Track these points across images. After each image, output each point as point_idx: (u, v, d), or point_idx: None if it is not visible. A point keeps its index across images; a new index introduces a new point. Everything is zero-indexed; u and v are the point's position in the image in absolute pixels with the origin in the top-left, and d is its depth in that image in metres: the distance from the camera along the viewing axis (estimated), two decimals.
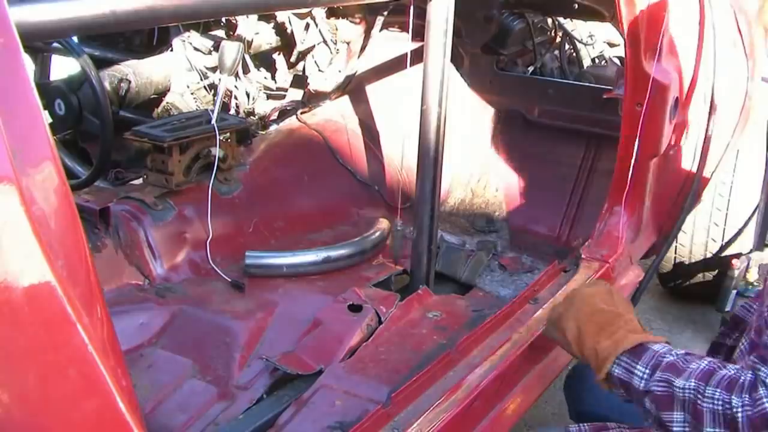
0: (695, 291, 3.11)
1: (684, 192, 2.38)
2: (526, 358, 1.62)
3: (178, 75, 2.62)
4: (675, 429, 1.24)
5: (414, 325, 1.74)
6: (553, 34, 3.10)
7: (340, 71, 2.60)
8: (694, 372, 1.23)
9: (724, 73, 2.37)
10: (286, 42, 2.64)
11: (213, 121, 2.02)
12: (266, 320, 1.73)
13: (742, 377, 1.18)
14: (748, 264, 2.51)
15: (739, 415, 1.16)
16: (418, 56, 1.82)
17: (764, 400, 1.14)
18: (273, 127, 2.50)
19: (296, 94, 2.66)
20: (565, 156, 2.70)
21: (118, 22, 1.11)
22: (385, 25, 2.62)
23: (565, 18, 3.12)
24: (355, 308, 1.74)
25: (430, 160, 1.80)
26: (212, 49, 2.63)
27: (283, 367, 1.54)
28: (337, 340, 1.63)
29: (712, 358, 1.26)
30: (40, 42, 2.24)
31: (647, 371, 1.27)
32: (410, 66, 1.91)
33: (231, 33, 2.61)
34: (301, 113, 2.56)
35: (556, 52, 3.15)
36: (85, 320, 0.79)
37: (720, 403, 1.18)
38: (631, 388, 1.29)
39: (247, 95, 2.65)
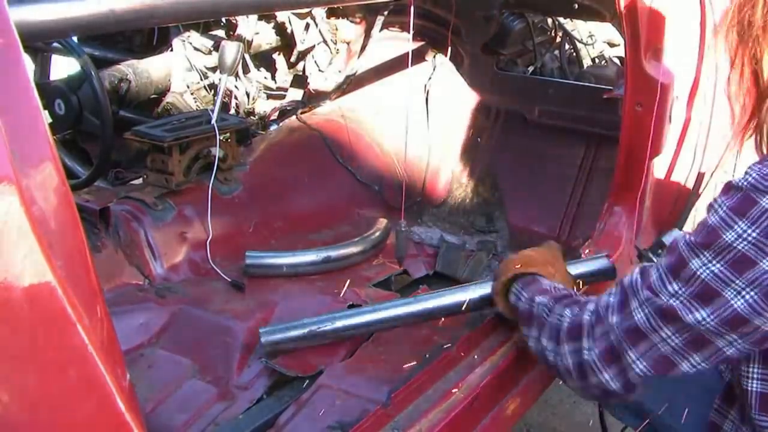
0: None
1: (684, 192, 2.38)
2: (526, 358, 1.62)
3: (178, 75, 2.63)
4: (531, 345, 1.38)
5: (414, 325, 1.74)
6: (553, 34, 3.10)
7: (340, 71, 2.60)
8: (555, 294, 1.36)
9: (724, 73, 2.37)
10: (286, 42, 2.65)
11: (213, 121, 2.02)
12: (266, 320, 1.73)
13: (587, 299, 1.30)
14: None
15: (564, 324, 1.27)
16: (418, 56, 1.82)
17: (587, 313, 1.24)
18: (273, 127, 2.50)
19: (296, 94, 2.66)
20: (565, 156, 2.70)
21: (118, 22, 1.11)
22: (385, 25, 2.62)
23: (565, 18, 3.12)
24: (355, 308, 1.74)
25: None
26: (212, 49, 2.63)
27: (282, 370, 1.53)
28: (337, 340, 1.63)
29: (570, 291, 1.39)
30: (40, 42, 2.24)
31: (526, 296, 1.41)
32: (410, 66, 1.91)
33: (231, 33, 2.61)
34: (301, 113, 2.57)
35: (556, 52, 3.15)
36: (85, 320, 0.79)
37: (557, 317, 1.30)
38: (517, 312, 1.43)
39: (247, 95, 2.65)
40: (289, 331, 1.55)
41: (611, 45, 3.66)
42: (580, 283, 1.66)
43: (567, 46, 3.16)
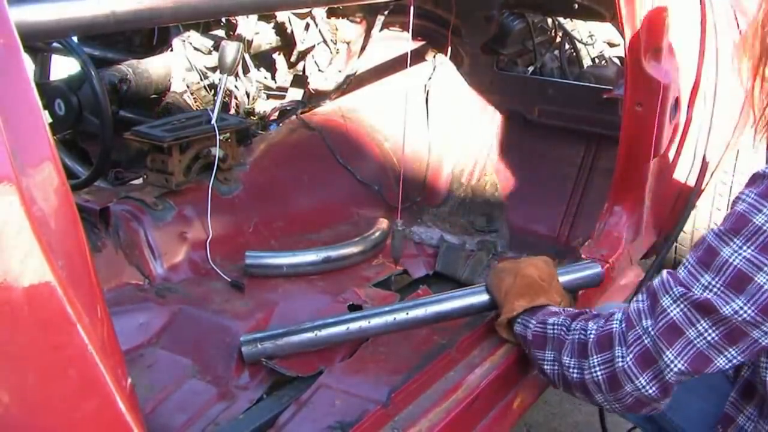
0: None
1: (685, 192, 2.38)
2: (527, 358, 1.62)
3: (178, 75, 2.63)
4: (546, 369, 1.35)
5: None
6: (553, 34, 3.11)
7: (340, 71, 2.60)
8: (566, 313, 1.35)
9: (725, 73, 2.37)
10: (286, 42, 2.65)
11: (213, 121, 2.02)
12: (266, 320, 1.73)
13: (610, 311, 1.27)
14: None
15: (591, 337, 1.24)
16: (418, 56, 1.82)
17: (615, 322, 1.22)
18: (273, 127, 2.50)
19: (296, 94, 2.66)
20: (565, 156, 2.70)
21: (118, 22, 1.11)
22: (385, 25, 2.62)
23: (565, 18, 3.12)
24: (355, 308, 1.74)
25: None
26: (212, 49, 2.63)
27: (282, 370, 1.53)
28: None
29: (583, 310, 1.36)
30: (40, 42, 2.24)
31: (534, 321, 1.40)
32: (410, 66, 1.90)
33: (231, 33, 2.61)
34: (301, 113, 2.56)
35: (556, 52, 3.15)
36: (85, 320, 0.79)
37: (578, 332, 1.27)
38: (525, 340, 1.42)
39: (247, 95, 2.65)
40: (271, 340, 1.55)
41: (611, 45, 3.66)
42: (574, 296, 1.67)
43: (567, 46, 3.17)
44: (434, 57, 2.81)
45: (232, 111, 2.62)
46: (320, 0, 2.08)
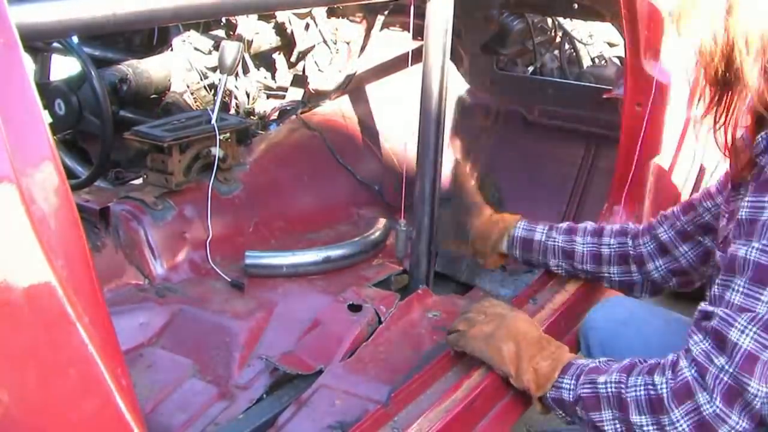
0: (696, 291, 3.10)
1: (685, 192, 2.38)
2: None
3: (178, 75, 2.63)
4: (607, 429, 1.26)
5: (414, 325, 1.74)
6: (553, 34, 3.10)
7: (340, 71, 2.60)
8: (616, 369, 1.27)
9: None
10: (286, 42, 2.65)
11: (213, 121, 2.02)
12: (266, 320, 1.73)
13: (664, 360, 1.22)
14: None
15: (664, 391, 1.18)
16: (418, 56, 1.82)
17: (684, 370, 1.17)
18: (273, 127, 2.50)
19: (296, 94, 2.66)
20: (565, 156, 2.70)
21: (118, 22, 1.11)
22: (385, 25, 2.62)
23: (565, 18, 3.12)
24: (355, 308, 1.74)
25: (429, 160, 1.80)
26: (212, 49, 2.63)
27: (283, 367, 1.54)
28: (336, 340, 1.63)
29: (633, 358, 1.29)
30: (40, 42, 2.24)
31: (573, 381, 1.31)
32: (410, 65, 1.90)
33: (231, 33, 2.61)
34: (301, 113, 2.56)
35: (556, 52, 3.15)
36: (85, 320, 0.79)
37: (642, 388, 1.20)
38: (564, 403, 1.32)
39: (247, 95, 2.65)
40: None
41: (611, 45, 3.66)
42: None
43: (567, 46, 3.16)
44: None
45: (232, 111, 2.62)
46: (320, 0, 2.08)
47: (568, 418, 1.35)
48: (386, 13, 2.54)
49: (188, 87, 2.62)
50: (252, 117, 2.61)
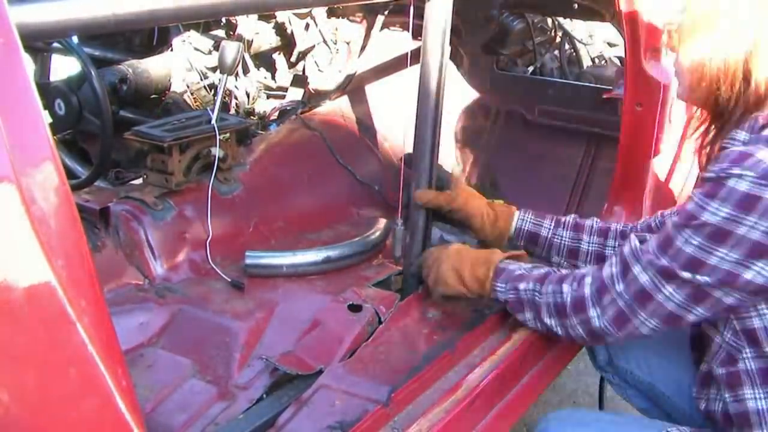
0: None
1: (684, 192, 2.38)
2: (526, 357, 1.63)
3: (178, 75, 2.63)
4: (531, 326, 1.55)
5: (414, 325, 1.74)
6: (553, 34, 3.11)
7: (340, 71, 2.60)
8: (533, 277, 1.50)
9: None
10: (286, 42, 2.65)
11: (213, 121, 2.02)
12: (266, 320, 1.73)
13: (576, 272, 1.45)
14: None
15: (567, 299, 1.42)
16: (418, 56, 1.82)
17: (586, 286, 1.39)
18: (273, 127, 2.50)
19: (296, 94, 2.66)
20: (565, 156, 2.70)
21: (118, 22, 1.11)
22: (385, 25, 2.62)
23: (565, 18, 3.12)
24: (355, 308, 1.74)
25: (425, 160, 1.80)
26: (212, 49, 2.63)
27: (282, 367, 1.54)
28: (336, 340, 1.63)
29: (551, 268, 1.54)
30: (40, 42, 2.24)
31: (503, 285, 1.54)
32: (410, 65, 1.91)
33: (231, 33, 2.61)
34: (301, 113, 2.56)
35: (556, 52, 3.15)
36: (85, 320, 0.79)
37: (551, 295, 1.45)
38: (500, 303, 1.57)
39: (247, 95, 2.65)
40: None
41: (611, 45, 3.66)
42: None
43: (567, 46, 3.17)
44: None
45: (232, 111, 2.62)
46: (320, 0, 2.08)
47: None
48: (386, 13, 2.54)
49: (188, 87, 2.63)
50: (252, 117, 2.61)
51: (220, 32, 2.65)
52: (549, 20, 3.08)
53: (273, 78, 2.71)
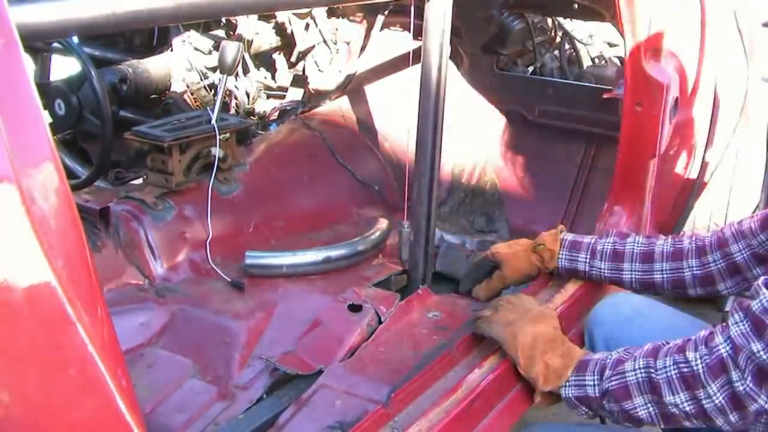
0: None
1: (685, 192, 2.38)
2: None
3: (178, 75, 2.63)
4: (641, 415, 1.29)
5: (414, 325, 1.74)
6: (553, 34, 3.10)
7: (340, 71, 2.60)
8: (640, 354, 1.29)
9: (725, 73, 2.37)
10: (286, 42, 2.65)
11: (213, 121, 2.02)
12: (266, 320, 1.73)
13: (694, 337, 1.25)
14: None
15: (699, 367, 1.21)
16: (418, 56, 1.82)
17: (720, 347, 1.19)
18: (273, 127, 2.50)
19: (296, 94, 2.66)
20: (565, 156, 2.70)
21: (118, 22, 1.11)
22: (386, 25, 2.62)
23: (565, 18, 3.12)
24: (355, 308, 1.74)
25: (427, 160, 1.80)
26: (212, 49, 2.63)
27: (282, 367, 1.54)
28: (337, 340, 1.63)
29: (652, 342, 1.32)
30: (40, 42, 2.24)
31: (596, 377, 1.33)
32: (411, 65, 1.91)
33: (231, 33, 2.61)
34: (301, 113, 2.56)
35: (556, 52, 3.15)
36: (85, 320, 0.79)
37: (674, 367, 1.24)
38: (589, 399, 1.35)
39: (247, 95, 2.65)
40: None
41: (611, 45, 3.66)
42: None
43: (567, 46, 3.16)
44: None
45: (232, 111, 2.62)
46: (320, 0, 2.08)
47: (591, 413, 1.38)
48: (386, 13, 2.54)
49: (188, 87, 2.63)
50: (252, 117, 2.61)
51: (220, 32, 2.65)
52: (549, 20, 3.08)
53: (273, 78, 2.71)
